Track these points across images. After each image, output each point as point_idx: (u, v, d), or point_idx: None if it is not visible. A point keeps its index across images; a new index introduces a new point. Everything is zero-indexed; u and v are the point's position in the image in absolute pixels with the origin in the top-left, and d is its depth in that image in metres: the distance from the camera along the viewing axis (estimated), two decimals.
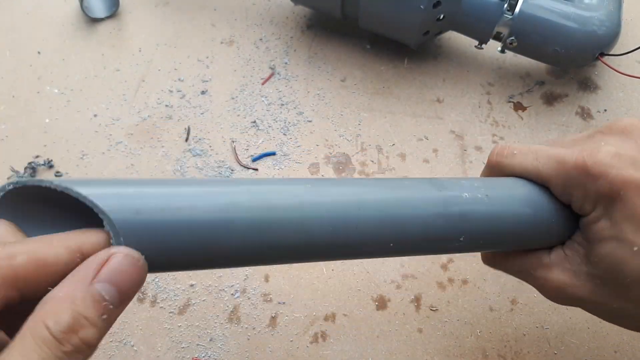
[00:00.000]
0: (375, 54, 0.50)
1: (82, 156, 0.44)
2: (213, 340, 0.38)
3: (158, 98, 0.47)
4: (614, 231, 0.22)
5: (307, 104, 0.47)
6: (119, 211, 0.19)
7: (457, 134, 0.46)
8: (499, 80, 0.49)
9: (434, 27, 0.45)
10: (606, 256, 0.23)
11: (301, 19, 0.52)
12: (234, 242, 0.20)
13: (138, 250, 0.19)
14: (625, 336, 0.39)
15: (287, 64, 0.49)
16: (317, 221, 0.21)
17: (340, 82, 0.49)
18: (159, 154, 0.44)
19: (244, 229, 0.20)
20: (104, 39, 0.50)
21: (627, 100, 0.49)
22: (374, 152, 0.45)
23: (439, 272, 0.41)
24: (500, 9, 0.43)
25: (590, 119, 0.48)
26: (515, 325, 0.39)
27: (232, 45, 0.50)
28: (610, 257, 0.22)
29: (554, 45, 0.43)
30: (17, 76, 0.47)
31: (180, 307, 0.39)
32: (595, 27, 0.42)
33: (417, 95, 0.48)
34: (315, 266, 0.41)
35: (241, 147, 0.45)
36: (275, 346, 0.38)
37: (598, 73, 0.50)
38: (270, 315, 0.39)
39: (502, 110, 0.48)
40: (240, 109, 0.47)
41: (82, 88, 0.47)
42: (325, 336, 0.38)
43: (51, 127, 0.45)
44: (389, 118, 0.47)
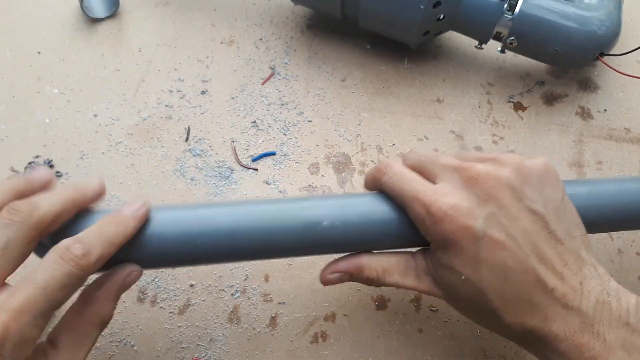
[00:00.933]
0: (375, 54, 0.50)
1: (82, 156, 0.44)
2: (213, 341, 0.38)
3: (158, 98, 0.47)
4: (448, 262, 0.28)
5: (307, 104, 0.47)
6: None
7: (457, 134, 0.46)
8: (499, 80, 0.49)
9: (434, 27, 0.45)
10: (446, 280, 0.29)
11: (301, 19, 0.52)
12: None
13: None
14: None
15: (287, 64, 0.49)
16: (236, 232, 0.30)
17: (340, 82, 0.49)
18: (159, 154, 0.44)
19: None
20: (104, 39, 0.50)
21: (627, 100, 0.49)
22: (374, 152, 0.45)
23: None
24: (500, 9, 0.43)
25: (590, 119, 0.48)
26: None
27: (232, 45, 0.50)
28: (448, 281, 0.28)
29: (554, 45, 0.43)
30: (17, 76, 0.47)
31: (180, 307, 0.39)
32: (595, 27, 0.42)
33: (417, 95, 0.48)
34: (315, 266, 0.41)
35: (241, 147, 0.45)
36: (275, 346, 0.38)
37: (598, 73, 0.50)
38: (270, 316, 0.39)
39: (502, 110, 0.48)
40: (240, 109, 0.47)
41: (82, 88, 0.47)
42: (325, 336, 0.38)
43: (51, 127, 0.45)
44: (389, 118, 0.47)
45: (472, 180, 0.28)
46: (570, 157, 0.46)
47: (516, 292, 0.27)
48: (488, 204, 0.27)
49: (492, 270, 0.27)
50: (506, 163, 0.28)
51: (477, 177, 0.28)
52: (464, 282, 0.27)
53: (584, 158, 0.46)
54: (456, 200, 0.27)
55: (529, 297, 0.27)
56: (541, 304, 0.26)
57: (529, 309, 0.27)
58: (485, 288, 0.27)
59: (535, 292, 0.26)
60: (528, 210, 0.27)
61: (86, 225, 0.27)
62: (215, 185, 0.43)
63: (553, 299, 0.26)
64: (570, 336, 0.26)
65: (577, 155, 0.46)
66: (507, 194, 0.27)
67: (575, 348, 0.26)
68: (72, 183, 0.31)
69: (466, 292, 0.28)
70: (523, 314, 0.27)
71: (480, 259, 0.27)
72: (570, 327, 0.26)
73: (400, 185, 0.29)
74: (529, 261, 0.27)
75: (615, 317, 0.26)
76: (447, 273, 0.28)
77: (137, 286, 0.39)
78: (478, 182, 0.28)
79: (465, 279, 0.27)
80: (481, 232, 0.27)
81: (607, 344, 0.25)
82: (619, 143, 0.47)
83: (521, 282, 0.27)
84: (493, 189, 0.27)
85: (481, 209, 0.27)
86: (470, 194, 0.28)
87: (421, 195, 0.28)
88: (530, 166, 0.28)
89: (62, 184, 0.40)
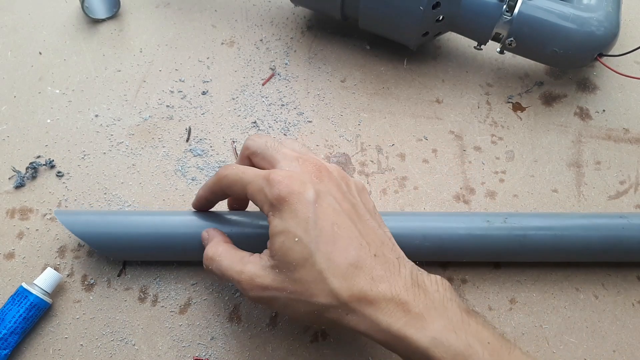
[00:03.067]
0: (374, 55, 0.51)
1: (84, 156, 0.44)
2: (214, 339, 0.38)
3: (159, 98, 0.47)
4: (283, 227, 0.30)
5: (307, 105, 0.48)
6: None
7: (456, 134, 0.47)
8: (498, 81, 0.49)
9: (433, 28, 0.45)
10: (279, 247, 0.30)
11: (301, 20, 0.52)
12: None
13: None
14: (624, 336, 0.39)
15: (288, 65, 0.49)
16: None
17: (340, 83, 0.49)
18: (160, 154, 0.44)
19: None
20: (105, 39, 0.50)
21: (626, 100, 0.49)
22: (373, 152, 0.46)
23: (438, 272, 0.41)
24: (499, 10, 0.43)
25: (589, 119, 0.48)
26: (514, 324, 0.39)
27: (233, 46, 0.50)
28: (281, 247, 0.30)
29: (553, 46, 0.43)
30: (18, 77, 0.48)
31: (181, 306, 0.39)
32: (594, 27, 0.43)
33: (417, 95, 0.49)
34: None
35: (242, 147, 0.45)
36: (275, 345, 0.38)
37: (597, 74, 0.50)
38: (271, 314, 0.39)
39: (501, 111, 0.48)
40: (240, 110, 0.47)
41: (83, 88, 0.47)
42: (325, 335, 0.39)
43: (52, 127, 0.45)
44: (388, 118, 0.47)
45: (307, 163, 0.32)
46: (569, 157, 0.46)
47: (343, 254, 0.29)
48: (320, 183, 0.31)
49: (321, 233, 0.30)
50: (328, 163, 0.34)
51: (312, 163, 0.33)
52: (296, 244, 0.29)
53: (583, 158, 0.46)
54: (293, 172, 0.31)
55: (356, 260, 0.29)
56: (366, 266, 0.30)
57: (356, 271, 0.29)
58: (314, 250, 0.29)
59: (361, 256, 0.30)
60: (346, 196, 0.32)
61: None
62: None
63: (377, 264, 0.30)
64: (396, 295, 0.29)
65: (575, 156, 0.46)
66: (332, 181, 0.32)
67: (401, 306, 0.29)
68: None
69: (297, 256, 0.29)
70: (351, 276, 0.29)
71: (311, 221, 0.30)
72: (395, 287, 0.29)
73: (242, 171, 0.33)
74: (353, 230, 0.30)
75: (428, 284, 0.30)
76: (281, 239, 0.30)
77: (138, 285, 0.39)
78: (311, 166, 0.32)
79: (298, 240, 0.29)
80: (313, 197, 0.30)
81: (428, 303, 0.29)
82: (617, 143, 0.47)
83: (347, 247, 0.30)
84: (324, 176, 0.32)
85: (315, 183, 0.31)
86: (305, 173, 0.32)
87: (261, 172, 0.32)
88: (332, 166, 0.34)
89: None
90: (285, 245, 0.30)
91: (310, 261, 0.29)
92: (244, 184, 0.32)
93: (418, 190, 0.44)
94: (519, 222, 0.38)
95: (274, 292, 0.31)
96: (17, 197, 0.42)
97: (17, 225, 0.41)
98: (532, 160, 0.46)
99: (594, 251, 0.39)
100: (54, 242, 0.41)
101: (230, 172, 0.33)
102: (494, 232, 0.38)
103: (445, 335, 0.28)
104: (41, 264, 0.40)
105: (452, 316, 0.29)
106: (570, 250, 0.38)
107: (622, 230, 0.38)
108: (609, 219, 0.39)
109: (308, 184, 0.31)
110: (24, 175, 0.43)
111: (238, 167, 0.33)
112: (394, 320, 0.28)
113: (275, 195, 0.30)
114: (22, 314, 0.36)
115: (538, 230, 0.38)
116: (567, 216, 0.40)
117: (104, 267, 0.40)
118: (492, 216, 0.39)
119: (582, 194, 0.44)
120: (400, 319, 0.28)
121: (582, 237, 0.38)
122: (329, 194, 0.31)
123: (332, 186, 0.32)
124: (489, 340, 0.29)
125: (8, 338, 0.36)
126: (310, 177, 0.32)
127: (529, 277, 0.41)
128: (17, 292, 0.37)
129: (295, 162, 0.32)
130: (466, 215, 0.39)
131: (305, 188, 0.30)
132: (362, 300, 0.29)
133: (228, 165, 0.34)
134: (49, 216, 0.41)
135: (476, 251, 0.38)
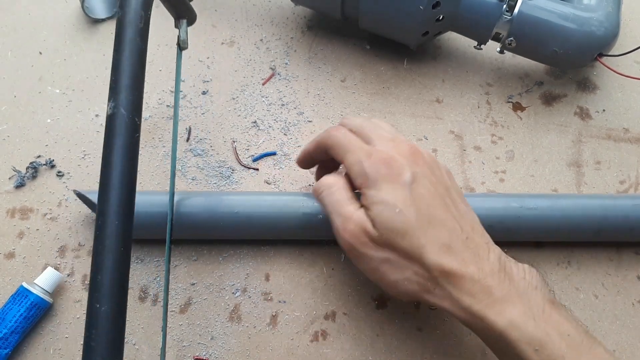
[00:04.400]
0: (375, 55, 0.51)
1: (84, 156, 0.44)
2: (214, 339, 0.38)
3: (159, 98, 0.47)
4: (381, 197, 0.31)
5: (307, 104, 0.48)
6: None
7: (456, 134, 0.47)
8: (498, 81, 0.50)
9: (433, 28, 0.45)
10: (379, 214, 0.31)
11: (301, 20, 0.52)
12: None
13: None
14: (624, 335, 0.39)
15: (288, 65, 0.49)
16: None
17: (340, 83, 0.49)
18: (160, 154, 0.44)
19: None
20: (105, 39, 0.50)
21: (626, 100, 0.49)
22: None
23: None
24: (499, 10, 0.43)
25: (589, 119, 0.48)
26: None
27: (233, 46, 0.50)
28: (381, 214, 0.31)
29: (553, 46, 0.43)
30: (18, 76, 0.48)
31: (182, 305, 0.39)
32: (594, 27, 0.43)
33: (417, 95, 0.49)
34: (315, 265, 0.41)
35: (242, 147, 0.45)
36: (275, 344, 0.38)
37: (597, 73, 0.50)
38: (271, 314, 0.39)
39: (501, 111, 0.48)
40: (240, 109, 0.47)
41: (83, 88, 0.47)
42: (325, 335, 0.39)
43: (53, 127, 0.45)
44: (388, 118, 0.47)
45: (402, 147, 0.33)
46: (569, 157, 0.46)
47: (438, 234, 0.31)
48: (416, 166, 0.32)
49: (419, 210, 0.31)
50: (421, 148, 0.34)
51: (408, 147, 0.33)
52: (397, 214, 0.31)
53: (583, 158, 0.46)
54: (393, 154, 0.33)
55: (449, 240, 0.31)
56: (458, 248, 0.31)
57: (448, 250, 0.31)
58: (415, 222, 0.31)
59: (454, 238, 0.31)
60: (440, 180, 0.33)
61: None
62: (216, 185, 0.43)
63: (468, 247, 0.31)
64: (482, 278, 0.30)
65: (575, 155, 0.46)
66: (426, 165, 0.33)
67: (485, 289, 0.30)
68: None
69: (399, 225, 0.31)
70: (443, 255, 0.30)
71: (409, 199, 0.31)
72: (482, 271, 0.30)
73: (343, 140, 0.34)
74: (449, 211, 0.32)
75: (514, 272, 0.31)
76: (380, 208, 0.31)
77: (138, 285, 0.39)
78: (407, 150, 0.33)
79: (399, 211, 0.31)
80: (410, 179, 0.31)
81: (512, 289, 0.30)
82: (617, 143, 0.47)
83: (442, 227, 0.31)
84: (417, 158, 0.33)
85: (411, 165, 0.32)
86: (402, 155, 0.33)
87: (365, 146, 0.33)
88: (441, 164, 0.35)
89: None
90: (386, 213, 0.31)
91: (411, 233, 0.30)
92: (345, 150, 0.34)
93: None
94: (518, 198, 0.40)
95: (371, 251, 0.32)
96: (18, 196, 0.42)
97: (18, 225, 0.41)
98: (532, 160, 0.46)
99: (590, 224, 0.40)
100: (55, 241, 0.41)
101: (339, 133, 0.35)
102: (492, 204, 0.39)
103: (524, 320, 0.29)
104: (41, 264, 0.40)
105: (534, 304, 0.29)
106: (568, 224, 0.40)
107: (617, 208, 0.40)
108: (604, 199, 0.40)
109: (406, 165, 0.32)
110: (24, 175, 0.43)
111: (347, 132, 0.35)
112: (476, 301, 0.29)
113: (374, 171, 0.32)
114: (23, 314, 0.36)
115: (535, 201, 0.39)
116: (563, 196, 0.41)
117: None
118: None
119: (582, 193, 0.44)
120: (482, 301, 0.29)
121: (580, 214, 0.39)
122: (424, 176, 0.32)
123: (426, 169, 0.33)
124: (569, 332, 0.29)
125: (9, 337, 0.36)
126: (407, 159, 0.32)
127: None
128: (18, 291, 0.37)
129: (392, 143, 0.33)
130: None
131: (403, 169, 0.32)
132: (450, 278, 0.30)
133: (338, 127, 0.35)
134: (49, 216, 0.41)
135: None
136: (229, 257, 0.41)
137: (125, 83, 0.27)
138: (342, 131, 0.35)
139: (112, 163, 0.26)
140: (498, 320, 0.29)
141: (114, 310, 0.25)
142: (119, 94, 0.27)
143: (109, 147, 0.27)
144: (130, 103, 0.27)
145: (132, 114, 0.27)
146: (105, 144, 0.27)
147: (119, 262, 0.26)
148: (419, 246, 0.31)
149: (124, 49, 0.28)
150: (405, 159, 0.32)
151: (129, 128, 0.27)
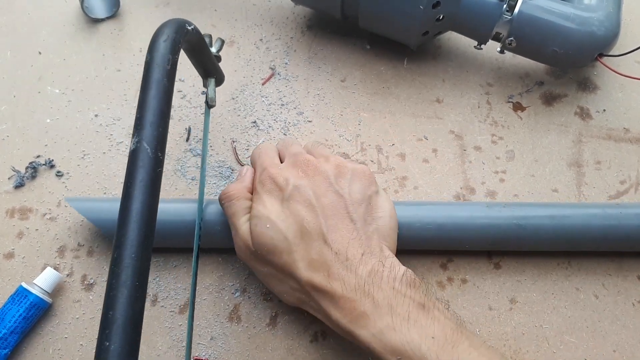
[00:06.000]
0: (375, 54, 0.50)
1: (83, 156, 0.44)
2: (214, 339, 0.38)
3: None
4: (262, 211, 0.33)
5: (307, 104, 0.47)
6: None
7: (456, 134, 0.47)
8: (498, 81, 0.49)
9: (434, 28, 0.45)
10: (252, 229, 0.33)
11: (301, 20, 0.52)
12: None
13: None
14: (625, 335, 0.39)
15: (287, 65, 0.49)
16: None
17: (340, 83, 0.49)
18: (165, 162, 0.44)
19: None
20: (104, 39, 0.50)
21: (626, 100, 0.49)
22: (373, 152, 0.45)
23: (438, 272, 0.41)
24: (499, 10, 0.43)
25: (589, 119, 0.48)
26: (514, 324, 0.39)
27: (233, 46, 0.50)
28: (257, 229, 0.33)
29: (553, 45, 0.43)
30: (18, 76, 0.48)
31: (181, 306, 0.39)
32: (595, 27, 0.42)
33: (417, 95, 0.49)
34: None
35: (242, 147, 0.45)
36: (275, 345, 0.38)
37: (597, 73, 0.50)
38: (271, 314, 0.39)
39: (502, 111, 0.48)
40: (240, 109, 0.47)
41: (82, 88, 0.47)
42: (325, 335, 0.39)
43: (52, 127, 0.45)
44: (388, 118, 0.47)
45: (299, 162, 0.35)
46: (569, 157, 0.46)
47: (308, 249, 0.32)
48: (304, 179, 0.34)
49: (293, 223, 0.32)
50: (331, 161, 0.36)
51: (304, 162, 0.35)
52: (268, 229, 0.33)
53: (583, 158, 0.46)
54: (283, 168, 0.35)
55: (318, 255, 0.32)
56: (326, 263, 0.32)
57: (317, 265, 0.32)
58: (285, 237, 0.32)
59: (323, 253, 0.32)
60: (334, 192, 0.34)
61: None
62: (215, 185, 0.43)
63: (337, 261, 0.32)
64: (346, 294, 0.31)
65: (576, 155, 0.46)
66: (320, 178, 0.34)
67: (349, 304, 0.31)
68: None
69: (271, 240, 0.33)
70: (311, 270, 0.32)
71: (283, 213, 0.33)
72: (347, 286, 0.31)
73: (258, 153, 0.38)
74: (322, 226, 0.33)
75: (384, 282, 0.31)
76: (255, 222, 0.33)
77: None
78: (303, 164, 0.35)
79: (269, 227, 0.33)
80: (289, 191, 0.33)
81: (376, 302, 0.30)
82: (617, 143, 0.47)
83: (313, 241, 0.32)
84: (311, 171, 0.35)
85: (298, 178, 0.34)
86: (295, 169, 0.35)
87: (272, 163, 0.36)
88: (349, 166, 0.36)
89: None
90: (258, 229, 0.33)
91: (281, 248, 0.32)
92: (254, 162, 0.38)
93: (418, 190, 0.44)
94: (518, 208, 0.39)
95: (256, 265, 0.35)
96: (17, 196, 0.42)
97: (17, 225, 0.41)
98: (533, 160, 0.46)
99: (593, 238, 0.39)
100: (54, 241, 0.41)
101: (262, 147, 0.39)
102: (494, 215, 0.39)
103: (387, 331, 0.30)
104: (41, 264, 0.40)
105: (400, 312, 0.30)
106: (569, 237, 0.39)
107: (619, 217, 0.39)
108: (606, 208, 0.40)
109: (292, 178, 0.34)
110: (24, 175, 0.43)
111: (268, 148, 0.38)
112: (343, 316, 0.31)
113: (260, 184, 0.35)
114: (22, 314, 0.36)
115: (537, 214, 0.39)
116: (566, 205, 0.41)
117: (103, 266, 0.40)
118: (492, 204, 0.40)
119: (582, 193, 0.44)
120: (347, 315, 0.31)
121: (581, 224, 0.39)
122: (308, 188, 0.34)
123: (316, 180, 0.34)
124: (433, 335, 0.29)
125: (8, 337, 0.36)
126: (296, 172, 0.35)
127: (529, 277, 0.41)
128: (17, 291, 0.37)
129: (293, 158, 0.36)
130: (466, 205, 0.41)
131: (286, 184, 0.34)
132: (319, 292, 0.32)
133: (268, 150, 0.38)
134: (49, 216, 0.41)
135: (475, 237, 0.39)
136: (229, 257, 0.41)
137: (150, 120, 0.27)
138: (267, 146, 0.38)
139: (132, 196, 0.26)
140: (362, 334, 0.30)
141: (125, 350, 0.23)
142: (142, 129, 0.27)
143: (130, 180, 0.26)
144: (154, 138, 0.27)
145: (155, 148, 0.27)
146: (127, 178, 0.26)
147: (134, 298, 0.24)
148: (290, 262, 0.32)
149: (150, 87, 0.28)
150: (300, 172, 0.35)
151: (152, 162, 0.27)
